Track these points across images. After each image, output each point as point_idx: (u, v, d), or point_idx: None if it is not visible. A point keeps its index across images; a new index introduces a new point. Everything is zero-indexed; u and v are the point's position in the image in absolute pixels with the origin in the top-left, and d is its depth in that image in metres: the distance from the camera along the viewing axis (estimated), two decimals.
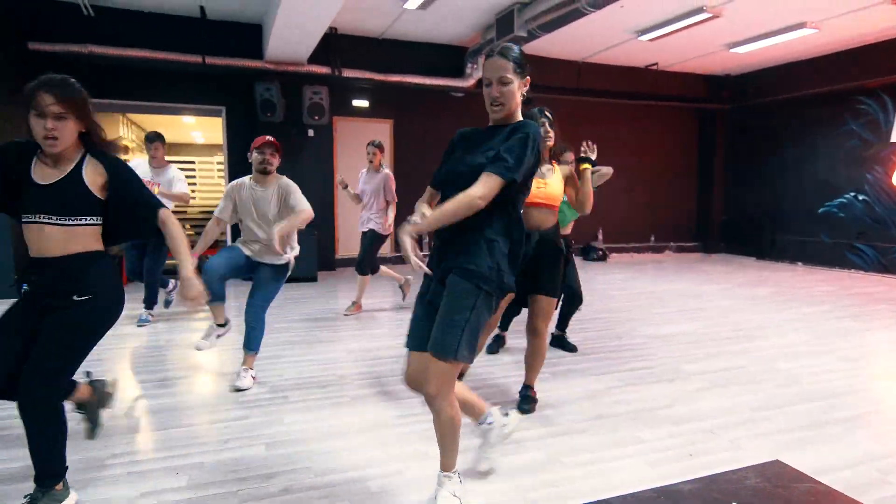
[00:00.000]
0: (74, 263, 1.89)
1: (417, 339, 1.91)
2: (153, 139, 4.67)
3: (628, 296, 6.23)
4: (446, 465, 1.96)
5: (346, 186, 5.06)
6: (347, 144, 8.24)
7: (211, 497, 2.06)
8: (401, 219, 7.28)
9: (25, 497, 1.90)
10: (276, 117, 7.00)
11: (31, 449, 1.86)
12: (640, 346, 4.17)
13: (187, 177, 9.10)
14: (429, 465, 2.31)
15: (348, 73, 7.51)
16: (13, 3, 6.04)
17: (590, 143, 3.00)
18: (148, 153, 4.70)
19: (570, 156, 3.85)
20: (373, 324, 4.87)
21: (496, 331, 3.96)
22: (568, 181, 2.95)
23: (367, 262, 5.08)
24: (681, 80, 9.98)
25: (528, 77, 1.85)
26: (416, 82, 7.88)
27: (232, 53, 6.98)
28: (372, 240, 5.04)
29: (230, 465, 2.30)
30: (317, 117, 7.14)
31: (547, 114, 2.86)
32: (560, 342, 4.05)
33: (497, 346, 3.91)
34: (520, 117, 1.90)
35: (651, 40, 7.80)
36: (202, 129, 11.92)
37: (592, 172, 3.01)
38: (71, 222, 1.87)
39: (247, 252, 3.27)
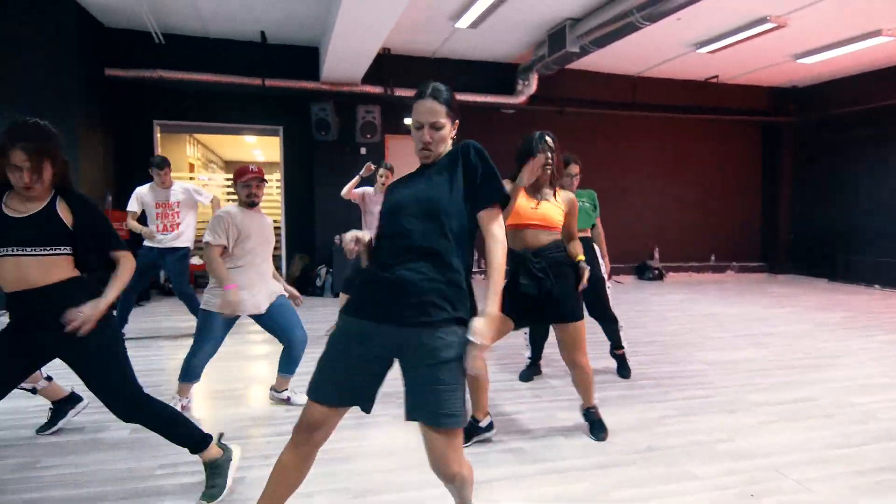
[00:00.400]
0: (61, 291, 1.94)
1: (335, 394, 1.61)
2: (163, 165, 4.69)
3: (686, 318, 5.95)
4: None
5: (369, 174, 4.98)
6: (399, 162, 8.33)
7: None
8: None
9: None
10: (330, 136, 7.19)
11: (175, 438, 2.14)
12: (697, 372, 3.94)
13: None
14: None
15: (400, 92, 7.63)
16: (93, 33, 6.51)
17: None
18: (157, 178, 4.68)
19: (574, 168, 3.71)
20: None
21: (528, 358, 3.86)
22: (570, 209, 2.77)
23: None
24: (743, 92, 9.58)
25: (457, 121, 1.73)
26: (467, 100, 7.90)
27: (290, 75, 7.24)
28: None
29: None
30: (369, 135, 7.28)
31: (548, 140, 2.68)
32: (620, 361, 3.87)
33: (531, 373, 3.79)
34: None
35: (711, 52, 7.53)
36: (262, 147, 12.46)
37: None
38: (47, 252, 1.91)
39: (245, 311, 2.96)
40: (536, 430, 2.90)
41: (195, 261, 6.54)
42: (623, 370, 3.84)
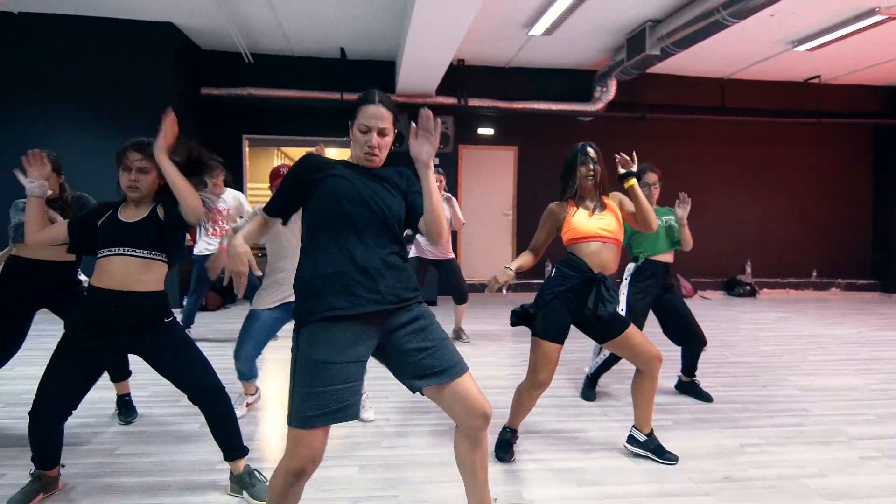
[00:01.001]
0: (154, 300, 2.15)
1: (342, 410, 1.53)
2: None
3: (780, 339, 5.44)
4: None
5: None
6: (472, 171, 8.37)
7: None
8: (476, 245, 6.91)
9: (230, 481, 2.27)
10: (403, 147, 7.27)
11: (221, 436, 2.23)
12: (789, 398, 3.57)
13: None
14: None
15: (474, 103, 7.64)
16: (191, 55, 7.06)
17: (622, 155, 2.57)
18: (210, 181, 4.91)
19: (651, 176, 3.49)
20: (484, 351, 4.76)
21: (590, 372, 3.64)
22: (623, 205, 2.61)
23: (465, 289, 5.04)
24: (850, 93, 8.72)
25: (396, 131, 1.81)
26: (542, 108, 7.78)
27: (368, 89, 7.46)
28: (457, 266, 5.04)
29: (323, 483, 2.32)
30: (442, 146, 7.33)
31: (589, 150, 2.53)
32: (691, 390, 3.59)
33: (593, 392, 3.58)
34: None
35: (810, 50, 6.92)
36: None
37: (640, 185, 2.76)
38: (149, 255, 2.12)
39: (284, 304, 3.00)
40: (600, 451, 2.72)
41: None
42: (701, 395, 3.55)
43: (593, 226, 2.47)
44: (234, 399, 2.92)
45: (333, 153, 11.74)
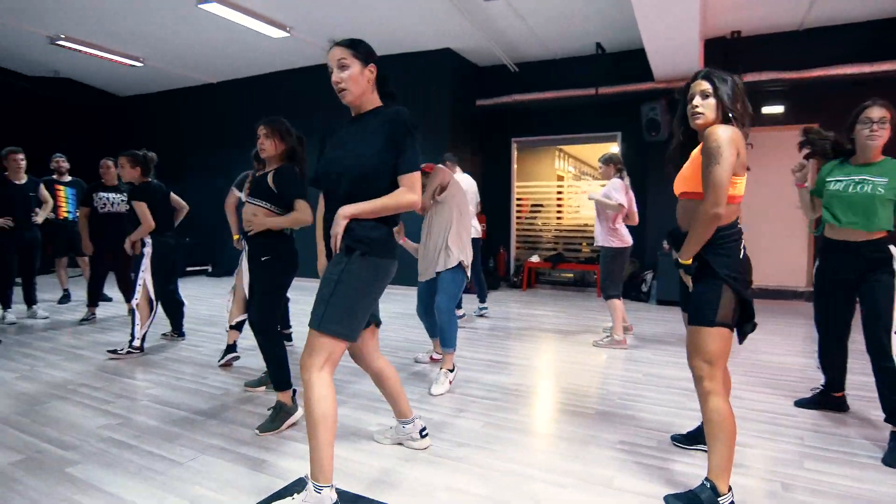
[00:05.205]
0: (271, 238, 2.84)
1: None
2: None
3: None
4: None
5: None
6: (755, 158, 7.26)
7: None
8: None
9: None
10: (660, 136, 6.91)
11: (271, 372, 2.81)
12: None
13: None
14: (559, 485, 2.13)
15: (750, 77, 6.65)
16: (468, 73, 8.20)
17: None
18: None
19: (876, 111, 2.53)
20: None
21: (822, 385, 2.94)
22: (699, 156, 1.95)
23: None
24: None
25: (373, 63, 1.90)
26: (848, 73, 6.25)
27: (627, 80, 7.31)
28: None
29: (451, 427, 2.72)
30: None
31: (693, 87, 2.03)
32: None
33: (820, 402, 2.88)
34: (378, 102, 1.97)
35: None
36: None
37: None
38: (259, 204, 2.83)
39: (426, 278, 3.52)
40: (755, 468, 2.33)
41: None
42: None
43: (676, 182, 2.12)
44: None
45: (615, 150, 11.62)
